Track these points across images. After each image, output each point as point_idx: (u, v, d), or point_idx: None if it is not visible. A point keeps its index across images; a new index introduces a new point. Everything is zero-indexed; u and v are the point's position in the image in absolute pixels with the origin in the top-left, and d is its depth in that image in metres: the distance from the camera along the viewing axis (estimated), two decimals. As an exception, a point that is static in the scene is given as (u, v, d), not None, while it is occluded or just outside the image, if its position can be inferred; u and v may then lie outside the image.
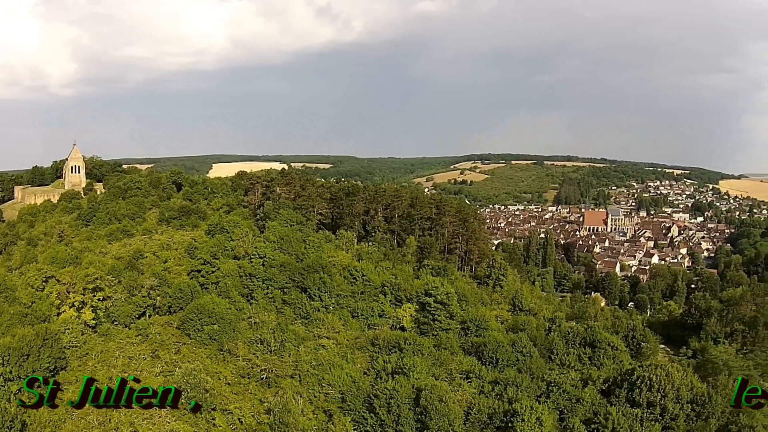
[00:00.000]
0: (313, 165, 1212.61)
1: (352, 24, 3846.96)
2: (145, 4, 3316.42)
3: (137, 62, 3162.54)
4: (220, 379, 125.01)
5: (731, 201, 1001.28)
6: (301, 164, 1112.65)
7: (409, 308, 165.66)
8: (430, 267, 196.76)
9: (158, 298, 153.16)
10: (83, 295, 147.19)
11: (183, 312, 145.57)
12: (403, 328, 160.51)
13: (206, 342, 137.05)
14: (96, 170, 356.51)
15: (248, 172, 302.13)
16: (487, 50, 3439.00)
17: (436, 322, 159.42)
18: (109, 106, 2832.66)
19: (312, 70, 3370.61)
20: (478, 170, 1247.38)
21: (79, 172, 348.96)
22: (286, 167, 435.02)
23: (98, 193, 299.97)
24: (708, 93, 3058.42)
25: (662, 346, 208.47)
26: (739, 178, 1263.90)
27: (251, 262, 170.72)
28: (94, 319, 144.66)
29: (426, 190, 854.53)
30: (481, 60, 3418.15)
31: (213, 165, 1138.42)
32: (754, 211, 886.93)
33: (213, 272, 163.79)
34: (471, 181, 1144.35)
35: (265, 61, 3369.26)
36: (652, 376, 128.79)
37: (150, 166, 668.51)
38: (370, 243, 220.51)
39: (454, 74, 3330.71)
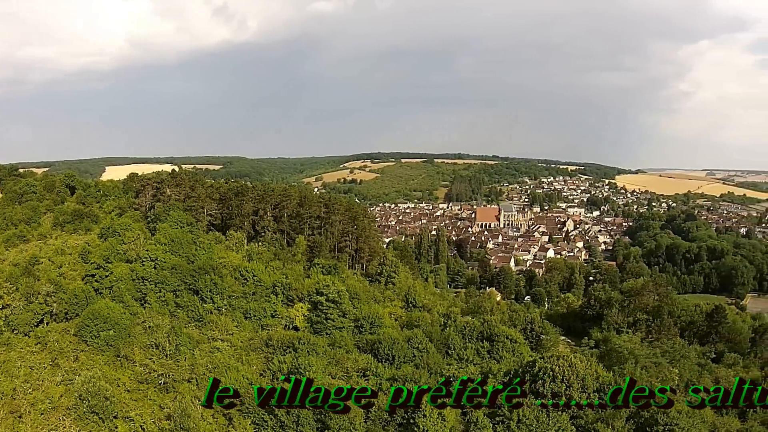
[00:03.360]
0: (204, 166, 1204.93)
1: (247, 23, 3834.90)
2: (45, 2, 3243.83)
3: (38, 63, 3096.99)
4: (119, 386, 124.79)
5: (628, 195, 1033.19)
6: (192, 165, 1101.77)
7: (302, 308, 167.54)
8: (321, 266, 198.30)
9: (55, 304, 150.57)
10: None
11: (79, 318, 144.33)
12: (296, 328, 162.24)
13: (103, 348, 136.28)
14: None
15: (139, 174, 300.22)
16: (383, 48, 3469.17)
17: (329, 321, 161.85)
18: (9, 108, 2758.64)
19: (206, 70, 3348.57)
20: (368, 169, 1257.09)
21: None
22: (177, 169, 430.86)
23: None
24: (606, 91, 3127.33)
25: (563, 337, 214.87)
26: (637, 173, 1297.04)
27: (143, 265, 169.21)
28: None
29: (315, 189, 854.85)
30: (376, 58, 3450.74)
31: (106, 168, 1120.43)
32: (653, 204, 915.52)
33: (106, 276, 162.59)
34: (361, 180, 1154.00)
35: (161, 60, 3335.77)
36: (554, 367, 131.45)
37: (45, 169, 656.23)
38: (260, 243, 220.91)
39: (348, 73, 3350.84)
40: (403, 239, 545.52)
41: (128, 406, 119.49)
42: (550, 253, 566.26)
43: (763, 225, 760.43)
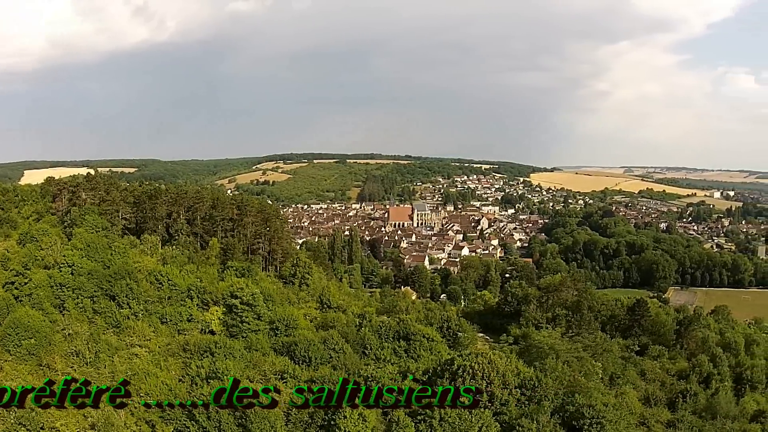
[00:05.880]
0: (119, 169, 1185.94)
1: (166, 24, 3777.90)
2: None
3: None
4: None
5: (544, 193, 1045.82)
6: (108, 169, 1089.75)
7: (217, 311, 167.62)
8: (234, 268, 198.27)
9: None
10: None
11: (1, 327, 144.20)
12: (212, 332, 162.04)
13: (25, 357, 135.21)
14: None
15: (56, 178, 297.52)
16: (298, 49, 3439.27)
17: (244, 324, 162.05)
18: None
19: (124, 71, 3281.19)
20: (280, 170, 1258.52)
21: None
22: (92, 172, 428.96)
23: None
24: (523, 90, 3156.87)
25: (481, 334, 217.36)
26: (552, 171, 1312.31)
27: (60, 271, 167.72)
28: None
29: (228, 191, 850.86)
30: (291, 59, 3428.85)
31: (24, 172, 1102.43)
32: (570, 201, 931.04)
33: (26, 283, 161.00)
34: (273, 181, 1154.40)
35: (81, 61, 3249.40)
36: (473, 364, 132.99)
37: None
38: (174, 246, 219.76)
39: (263, 74, 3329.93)
40: (316, 240, 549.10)
41: (53, 416, 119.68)
42: (465, 252, 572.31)
43: (684, 220, 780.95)
